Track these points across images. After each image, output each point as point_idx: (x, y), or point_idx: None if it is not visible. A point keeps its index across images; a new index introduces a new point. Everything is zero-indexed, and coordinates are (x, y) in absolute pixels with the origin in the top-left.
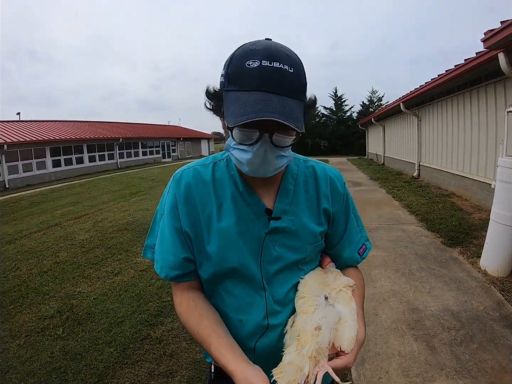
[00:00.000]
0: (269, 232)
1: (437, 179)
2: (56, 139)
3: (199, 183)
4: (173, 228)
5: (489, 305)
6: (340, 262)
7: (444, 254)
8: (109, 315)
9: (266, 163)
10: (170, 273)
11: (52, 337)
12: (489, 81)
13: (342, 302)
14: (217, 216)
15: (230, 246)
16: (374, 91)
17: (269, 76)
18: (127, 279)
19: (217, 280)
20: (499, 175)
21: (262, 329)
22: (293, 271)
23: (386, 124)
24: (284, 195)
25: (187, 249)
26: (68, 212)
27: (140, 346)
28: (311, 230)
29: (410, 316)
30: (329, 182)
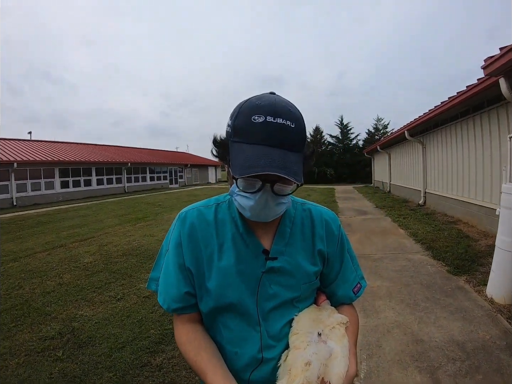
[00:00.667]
0: (266, 271)
1: (443, 206)
2: (65, 160)
3: (202, 223)
4: (177, 264)
5: (495, 334)
6: (335, 299)
7: (449, 283)
8: (110, 340)
9: (267, 210)
10: (172, 305)
11: (52, 358)
12: (491, 107)
13: (334, 339)
14: (218, 255)
15: (229, 283)
16: (379, 119)
17: (273, 131)
18: (130, 305)
19: (216, 314)
20: (503, 201)
21: (257, 362)
22: (288, 308)
23: (391, 152)
24: (281, 237)
25: (189, 284)
26: (73, 233)
27: (139, 373)
28: (306, 269)
29: (414, 348)
30: (325, 225)
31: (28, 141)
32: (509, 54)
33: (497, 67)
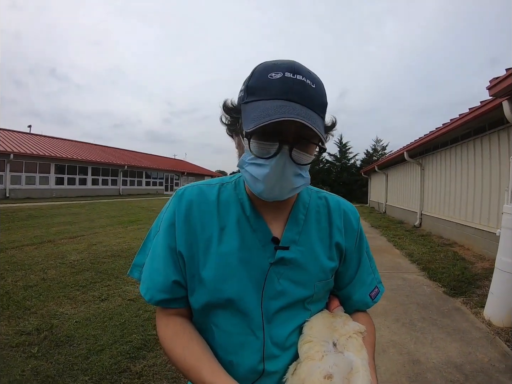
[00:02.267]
0: (275, 263)
1: (438, 229)
2: (62, 157)
3: (203, 202)
4: (167, 246)
5: (494, 356)
6: (349, 305)
7: (446, 304)
8: (89, 341)
9: (283, 181)
10: (157, 296)
11: (26, 354)
12: (492, 130)
13: (352, 349)
14: (217, 239)
15: (229, 274)
16: (378, 140)
17: (292, 86)
18: (113, 307)
19: (209, 312)
20: (504, 222)
21: (256, 374)
22: (298, 310)
23: (389, 173)
24: (294, 223)
25: (179, 272)
26: (63, 230)
27: (117, 379)
28: (322, 264)
29: (411, 368)
30: (343, 216)
31: (27, 134)
32: None
33: (503, 87)
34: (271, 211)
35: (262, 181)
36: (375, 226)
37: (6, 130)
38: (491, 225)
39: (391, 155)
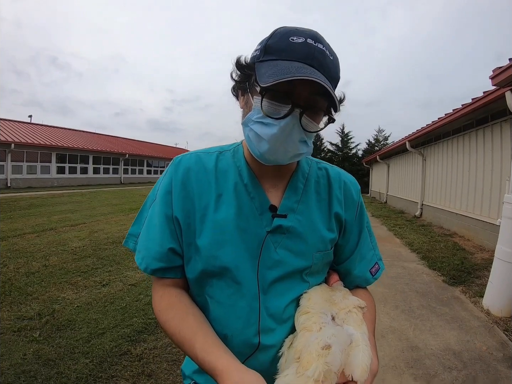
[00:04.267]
0: (272, 231)
1: (439, 219)
2: (63, 146)
3: (200, 170)
4: (163, 214)
5: (492, 345)
6: (349, 280)
7: (445, 293)
8: (90, 325)
9: (289, 143)
10: (152, 264)
11: (28, 338)
12: (495, 121)
13: (352, 324)
14: (214, 206)
15: (225, 241)
16: (380, 130)
17: (314, 52)
18: (115, 291)
19: (204, 282)
20: (505, 211)
21: (252, 348)
22: (295, 281)
23: (390, 163)
24: (293, 192)
25: (175, 240)
26: (65, 218)
27: (118, 361)
28: (321, 234)
29: (409, 354)
30: (343, 187)
31: (27, 123)
32: None
33: (506, 77)
34: (270, 179)
35: (267, 141)
36: (376, 215)
37: (7, 120)
38: (492, 216)
39: (393, 145)
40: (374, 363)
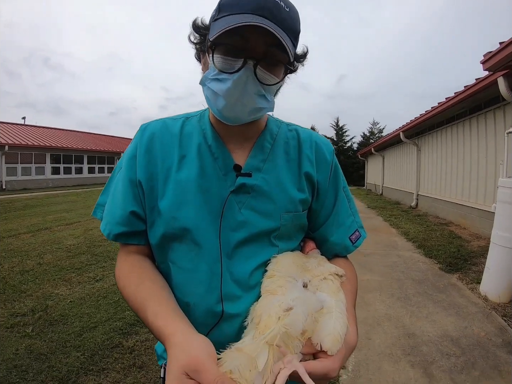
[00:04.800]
0: (235, 190)
1: (435, 209)
2: (57, 146)
3: (165, 135)
4: (127, 179)
5: (490, 330)
6: (326, 248)
7: (442, 280)
8: (82, 319)
9: (245, 97)
10: (115, 229)
11: (20, 334)
12: (488, 108)
13: (326, 291)
14: (177, 167)
15: (185, 201)
16: (375, 123)
17: (265, 3)
18: (108, 286)
19: (166, 246)
20: (500, 196)
21: (215, 317)
22: (263, 244)
23: (385, 154)
24: (259, 151)
25: (139, 204)
26: (60, 217)
27: (109, 354)
28: (289, 193)
29: (406, 341)
30: (315, 147)
31: (21, 125)
32: (509, 48)
33: (497, 61)
34: (236, 140)
35: (223, 97)
36: (371, 206)
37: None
38: (487, 204)
39: (387, 136)
40: (351, 335)
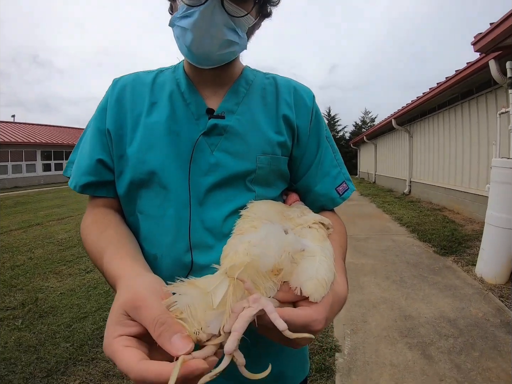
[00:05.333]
0: (207, 132)
1: (428, 195)
2: (48, 143)
3: (137, 85)
4: (96, 129)
5: (488, 311)
6: (311, 200)
7: (437, 263)
8: (72, 310)
9: (213, 28)
10: (81, 179)
11: (10, 327)
12: (480, 93)
13: (310, 238)
14: (146, 112)
15: (153, 144)
16: (367, 112)
17: None
18: (99, 277)
19: (133, 194)
20: (493, 176)
21: (184, 269)
22: (238, 188)
23: (377, 143)
24: (233, 95)
25: (107, 152)
26: (52, 213)
27: (99, 344)
28: (266, 134)
29: (403, 324)
30: (293, 92)
31: (10, 123)
32: (499, 29)
33: (487, 42)
34: (209, 87)
35: (191, 30)
36: (364, 194)
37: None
38: (480, 188)
39: (379, 124)
40: (340, 284)
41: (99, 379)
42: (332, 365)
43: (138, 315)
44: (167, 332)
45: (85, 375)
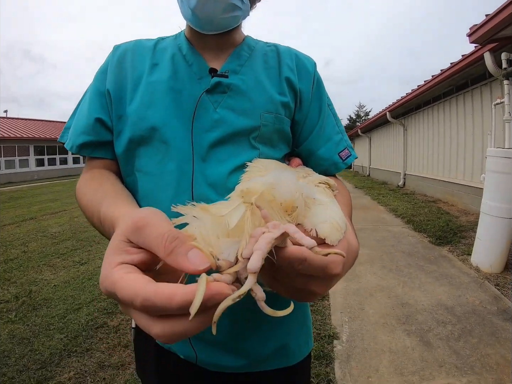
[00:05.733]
0: (210, 90)
1: (422, 187)
2: (41, 137)
3: (138, 49)
4: (95, 90)
5: (485, 299)
6: (313, 163)
7: (432, 252)
8: (67, 301)
9: None
10: (77, 139)
11: (3, 320)
12: (475, 85)
13: (318, 194)
14: (148, 73)
15: (154, 101)
16: (361, 106)
17: None
18: (93, 268)
19: (132, 153)
20: (488, 165)
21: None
22: (241, 145)
23: (372, 136)
24: (236, 58)
25: (106, 112)
26: (45, 207)
27: (93, 334)
28: (269, 93)
29: (400, 311)
30: (295, 58)
31: (2, 118)
32: (494, 20)
33: (483, 33)
34: (212, 51)
35: None
36: (359, 187)
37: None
38: (475, 180)
39: (374, 117)
40: (353, 241)
41: (94, 370)
42: (331, 352)
43: (142, 235)
44: (180, 247)
45: (80, 366)
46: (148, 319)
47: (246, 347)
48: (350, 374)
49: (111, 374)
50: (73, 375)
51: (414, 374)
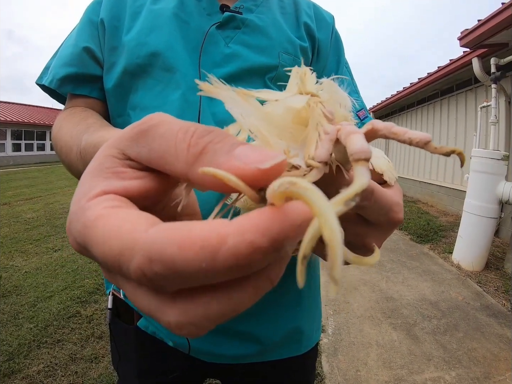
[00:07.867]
0: (222, 24)
1: (403, 188)
2: (19, 122)
3: None
4: (87, 20)
5: (468, 295)
6: None
7: (414, 249)
8: (38, 289)
9: None
10: (60, 71)
11: None
12: (460, 91)
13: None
14: (151, 1)
15: (157, 26)
16: None
17: None
18: (67, 255)
19: (126, 88)
20: (473, 165)
21: None
22: (255, 85)
23: None
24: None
25: (96, 41)
26: (20, 193)
27: (65, 324)
28: (288, 34)
29: (385, 305)
30: (312, 7)
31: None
32: (486, 25)
33: (473, 38)
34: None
35: None
36: None
37: None
38: (455, 182)
39: None
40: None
41: (65, 362)
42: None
43: (149, 138)
44: (220, 143)
45: (50, 358)
46: (157, 297)
47: (254, 330)
48: (338, 368)
49: (84, 367)
50: (42, 368)
51: (402, 367)
